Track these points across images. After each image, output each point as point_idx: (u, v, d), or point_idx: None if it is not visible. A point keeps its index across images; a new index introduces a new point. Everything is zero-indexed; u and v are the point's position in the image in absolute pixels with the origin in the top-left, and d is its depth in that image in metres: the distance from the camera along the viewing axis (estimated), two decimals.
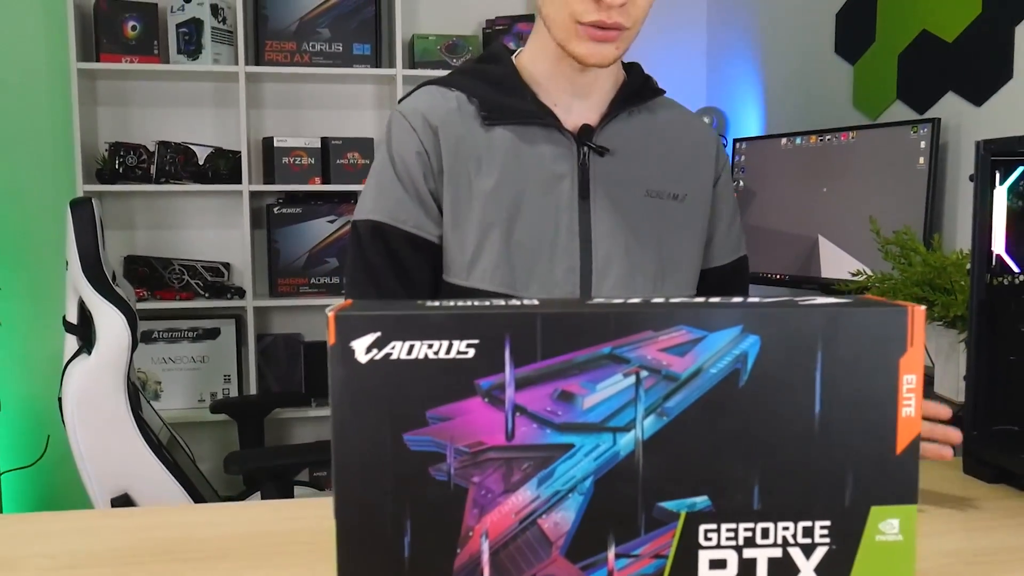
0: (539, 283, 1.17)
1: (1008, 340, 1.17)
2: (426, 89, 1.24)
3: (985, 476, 1.14)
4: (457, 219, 1.18)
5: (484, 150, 1.18)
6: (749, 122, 3.08)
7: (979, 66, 2.05)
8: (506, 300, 1.12)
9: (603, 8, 1.09)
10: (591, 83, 1.21)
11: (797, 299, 0.65)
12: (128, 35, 2.88)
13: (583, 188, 1.19)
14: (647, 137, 1.25)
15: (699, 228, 1.27)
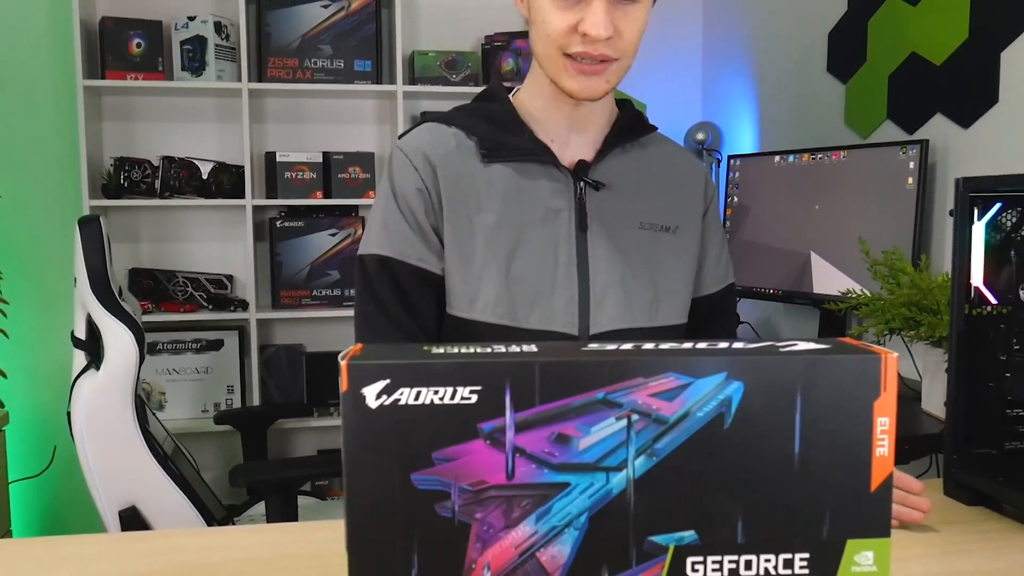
0: (539, 314, 1.21)
1: (987, 367, 1.22)
2: (427, 126, 1.28)
3: (964, 499, 1.19)
4: (458, 254, 1.22)
5: (483, 186, 1.23)
6: (744, 137, 3.14)
7: (966, 89, 2.11)
8: (508, 331, 1.18)
9: (589, 41, 1.13)
10: (586, 119, 1.26)
11: (778, 344, 0.70)
12: (133, 52, 2.92)
13: (580, 221, 1.23)
14: (640, 172, 1.29)
15: (690, 259, 1.31)
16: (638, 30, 1.15)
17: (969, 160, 2.11)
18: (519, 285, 1.21)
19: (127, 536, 1.09)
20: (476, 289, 1.21)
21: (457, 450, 0.64)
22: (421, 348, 0.67)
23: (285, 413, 3.08)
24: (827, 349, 0.67)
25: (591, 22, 1.10)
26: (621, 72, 1.19)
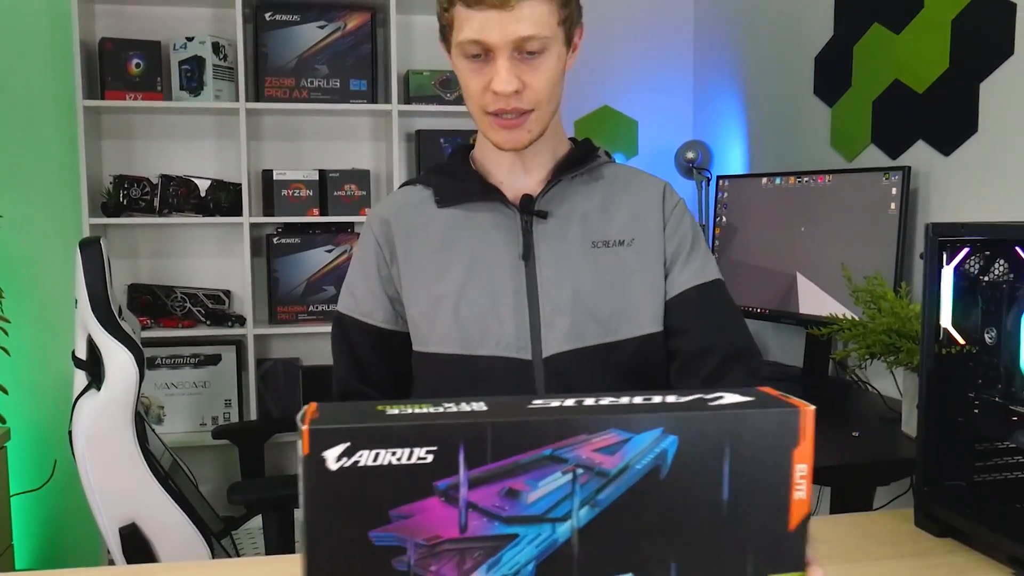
0: (493, 342, 1.28)
1: (956, 404, 1.27)
2: (399, 190, 1.44)
3: (933, 530, 1.25)
4: (415, 294, 1.33)
5: (435, 229, 1.33)
6: (733, 156, 3.19)
7: (947, 118, 2.16)
8: (462, 359, 1.27)
9: (500, 98, 1.21)
10: (528, 160, 1.34)
11: (707, 398, 0.74)
12: (132, 72, 2.97)
13: (527, 250, 1.30)
14: (589, 196, 1.35)
15: (653, 267, 1.33)
16: (547, 79, 1.22)
17: (950, 187, 2.16)
18: (470, 317, 1.29)
19: (134, 569, 1.13)
20: (432, 324, 1.30)
21: (413, 507, 0.68)
22: (376, 408, 0.70)
23: (282, 427, 3.12)
24: (752, 402, 0.72)
25: (496, 80, 1.20)
26: (542, 120, 1.27)
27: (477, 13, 1.18)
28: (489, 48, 1.19)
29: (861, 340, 1.92)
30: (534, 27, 1.18)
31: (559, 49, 1.24)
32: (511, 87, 1.20)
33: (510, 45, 1.19)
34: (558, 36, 1.22)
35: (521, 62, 1.21)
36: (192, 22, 3.11)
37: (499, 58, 1.19)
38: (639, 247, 1.33)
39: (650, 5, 3.45)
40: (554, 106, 1.28)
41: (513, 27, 1.17)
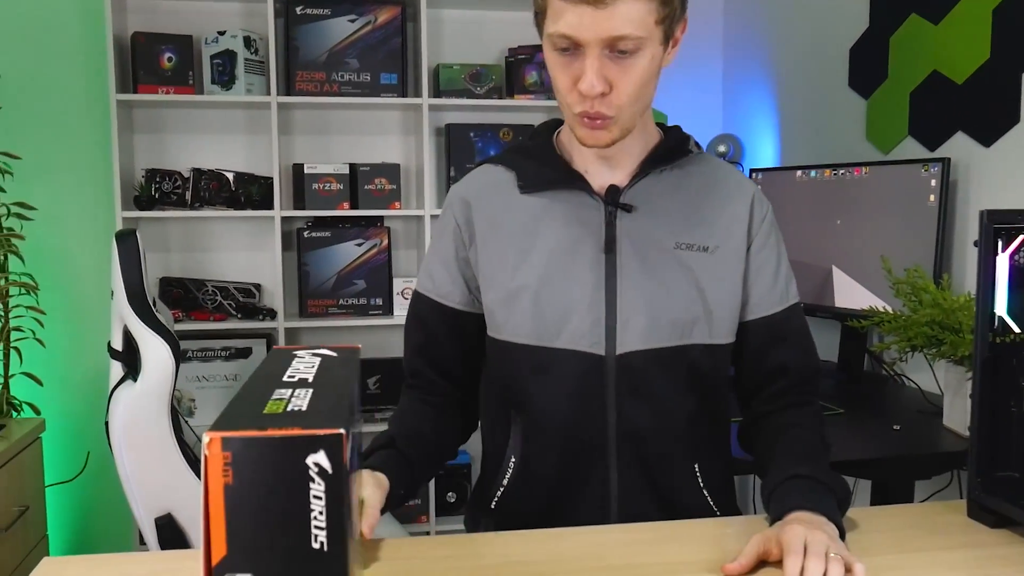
0: (568, 335, 1.26)
1: (1010, 393, 1.25)
2: (479, 168, 1.41)
3: (987, 521, 1.23)
4: (493, 280, 1.30)
5: (518, 218, 1.30)
6: (765, 150, 3.17)
7: (987, 109, 2.14)
8: (536, 350, 1.27)
9: (586, 100, 1.17)
10: (616, 151, 1.29)
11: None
12: (164, 66, 2.98)
13: (609, 244, 1.27)
14: (676, 193, 1.31)
15: (732, 280, 1.31)
16: (636, 82, 1.17)
17: (991, 179, 2.14)
18: (547, 307, 1.26)
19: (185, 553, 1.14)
20: (508, 313, 1.29)
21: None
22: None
23: None
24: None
25: (583, 81, 1.15)
26: (625, 122, 1.22)
27: (570, 6, 1.12)
28: (578, 43, 1.14)
29: (902, 333, 1.91)
30: (628, 26, 1.12)
31: (654, 49, 1.17)
32: (597, 90, 1.15)
33: (601, 43, 1.13)
34: (655, 35, 1.16)
35: (611, 61, 1.15)
36: (224, 16, 3.13)
37: (588, 56, 1.14)
38: (722, 256, 1.30)
39: None
40: (642, 106, 1.23)
41: (606, 24, 1.11)
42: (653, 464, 1.30)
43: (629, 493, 1.29)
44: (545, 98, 3.21)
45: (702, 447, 1.34)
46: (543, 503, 1.32)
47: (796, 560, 1.00)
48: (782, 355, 1.34)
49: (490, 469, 1.40)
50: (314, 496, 0.67)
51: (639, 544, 1.15)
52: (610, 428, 1.28)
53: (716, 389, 1.34)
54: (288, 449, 0.66)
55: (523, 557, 1.11)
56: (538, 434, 1.31)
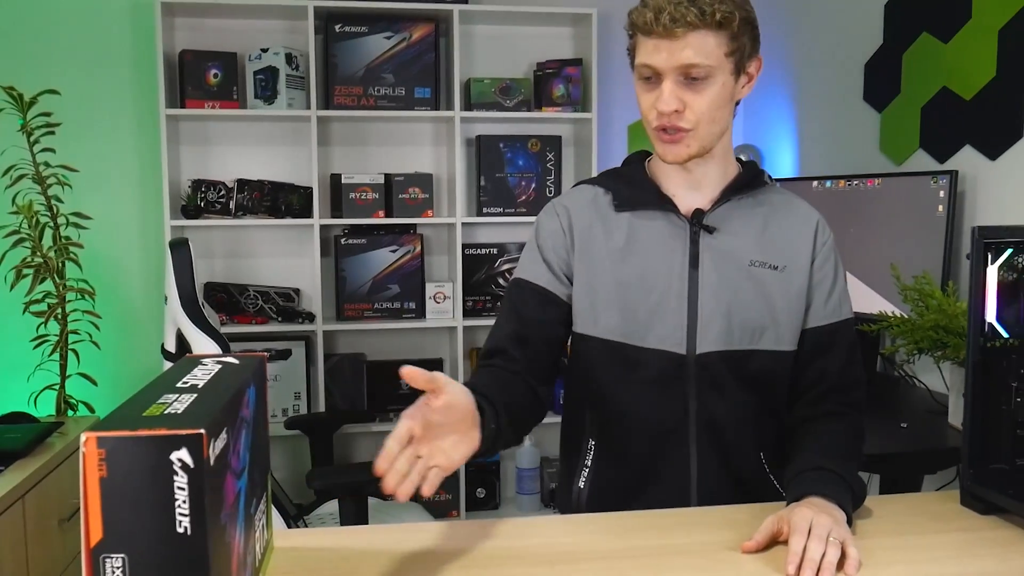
0: (653, 336, 1.43)
1: (1000, 393, 1.38)
2: (576, 188, 1.57)
3: (978, 509, 1.35)
4: (587, 283, 1.46)
5: (614, 230, 1.47)
6: (784, 160, 3.29)
7: (993, 124, 2.25)
8: (624, 347, 1.44)
9: (663, 116, 1.36)
10: (700, 178, 1.46)
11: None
12: (210, 82, 3.14)
13: (693, 259, 1.44)
14: (752, 218, 1.48)
15: (796, 295, 1.47)
16: (707, 103, 1.35)
17: (996, 191, 2.25)
18: (638, 312, 1.43)
19: None
20: (599, 312, 1.45)
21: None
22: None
23: (349, 419, 3.29)
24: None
25: (660, 100, 1.35)
26: (701, 139, 1.39)
27: (650, 41, 1.33)
28: (658, 72, 1.34)
29: (910, 336, 2.03)
30: (698, 56, 1.32)
31: (725, 78, 1.36)
32: (671, 107, 1.34)
33: (676, 71, 1.33)
34: (724, 66, 1.35)
35: (686, 86, 1.34)
36: (266, 34, 3.28)
37: (665, 81, 1.34)
38: (788, 274, 1.46)
39: None
40: (718, 129, 1.40)
41: (679, 55, 1.32)
42: (727, 449, 1.46)
43: (706, 473, 1.45)
44: (572, 110, 3.35)
45: (767, 436, 1.50)
46: (631, 483, 1.47)
47: (800, 540, 1.14)
48: (825, 363, 1.49)
49: (571, 451, 1.56)
50: (178, 487, 0.79)
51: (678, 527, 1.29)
52: (691, 416, 1.44)
53: (780, 388, 1.50)
54: (154, 447, 0.78)
55: (559, 543, 1.25)
56: (621, 420, 1.47)
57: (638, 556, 1.19)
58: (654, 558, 1.18)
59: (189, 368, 1.02)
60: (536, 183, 3.41)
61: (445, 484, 3.41)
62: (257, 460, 1.07)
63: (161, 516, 0.79)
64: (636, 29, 1.36)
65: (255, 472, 1.05)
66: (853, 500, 1.29)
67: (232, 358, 1.08)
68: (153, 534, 0.79)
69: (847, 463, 1.35)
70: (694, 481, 1.45)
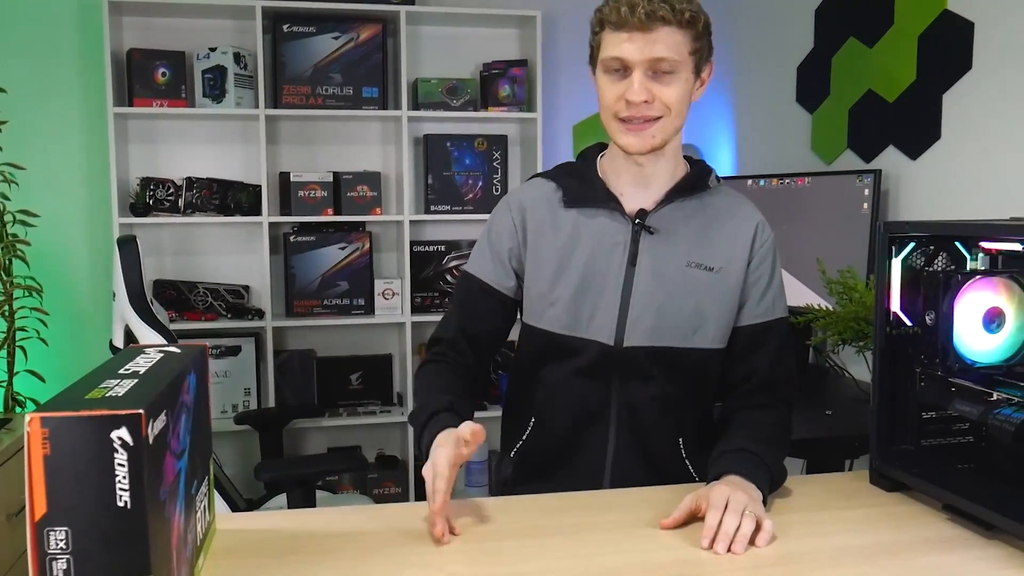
0: (590, 327, 1.51)
1: (904, 378, 1.47)
2: (531, 181, 1.64)
3: (885, 486, 1.45)
4: (536, 277, 1.54)
5: (562, 226, 1.53)
6: (722, 159, 3.39)
7: (914, 125, 2.36)
8: (567, 338, 1.52)
9: (632, 106, 1.42)
10: (649, 176, 1.53)
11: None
12: (158, 81, 3.17)
13: (632, 258, 1.51)
14: (693, 220, 1.54)
15: (730, 295, 1.53)
16: (675, 95, 1.42)
17: (917, 189, 2.36)
18: (579, 304, 1.51)
19: None
20: (546, 305, 1.53)
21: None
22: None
23: (298, 414, 3.33)
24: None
25: (630, 91, 1.41)
26: (667, 129, 1.46)
27: (622, 34, 1.39)
28: (627, 65, 1.40)
29: (833, 327, 2.12)
30: (668, 50, 1.39)
31: (687, 75, 1.43)
32: (642, 97, 1.40)
33: (646, 63, 1.39)
34: (687, 63, 1.42)
35: (653, 79, 1.41)
36: (214, 33, 3.31)
37: (636, 73, 1.40)
38: (724, 275, 1.52)
39: None
40: (679, 123, 1.47)
41: (650, 48, 1.38)
42: (644, 434, 1.53)
43: (622, 456, 1.53)
44: (517, 110, 3.42)
45: (688, 424, 1.57)
46: (553, 456, 1.56)
47: (716, 514, 1.22)
48: (756, 360, 1.56)
49: (512, 426, 1.65)
50: (118, 464, 0.84)
51: (596, 508, 1.37)
52: (612, 401, 1.52)
53: (705, 385, 1.58)
54: (95, 426, 0.83)
55: (492, 524, 1.32)
56: (555, 400, 1.55)
57: (561, 533, 1.26)
58: (577, 534, 1.26)
59: (132, 356, 1.07)
60: (483, 181, 3.47)
61: (393, 476, 3.47)
62: (198, 445, 1.12)
63: (102, 491, 0.84)
64: (606, 24, 1.42)
65: (196, 456, 1.10)
66: (771, 483, 1.37)
67: (174, 348, 1.14)
68: (95, 508, 0.84)
69: (769, 448, 1.43)
70: (609, 462, 1.53)
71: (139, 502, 0.85)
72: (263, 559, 1.16)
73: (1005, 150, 2.08)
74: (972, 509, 1.26)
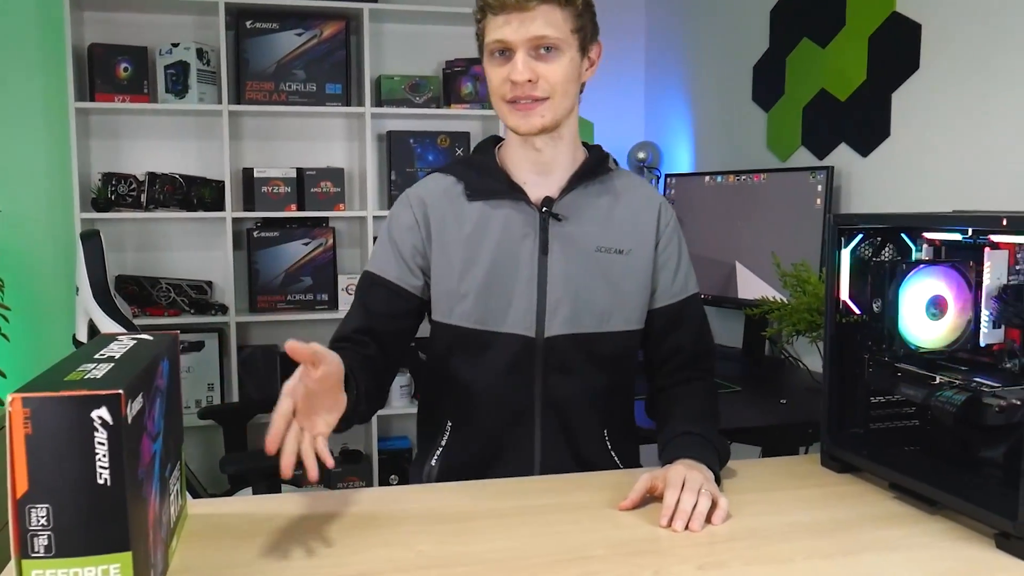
0: (504, 320, 1.51)
1: (853, 364, 1.53)
2: (430, 176, 1.61)
3: (835, 468, 1.50)
4: (443, 273, 1.52)
5: (467, 220, 1.52)
6: (681, 156, 3.46)
7: (864, 123, 2.44)
8: (480, 333, 1.54)
9: (517, 86, 1.43)
10: (549, 163, 1.54)
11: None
12: (120, 76, 3.16)
13: (543, 246, 1.52)
14: (598, 204, 1.56)
15: (642, 276, 1.57)
16: (560, 74, 1.43)
17: (867, 185, 2.44)
18: (490, 297, 1.50)
19: None
20: (455, 300, 1.51)
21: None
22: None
23: (262, 408, 3.32)
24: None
25: (513, 71, 1.42)
26: (555, 109, 1.46)
27: (501, 17, 1.41)
28: (509, 46, 1.41)
29: (788, 319, 2.19)
30: (547, 28, 1.40)
31: (572, 53, 1.44)
32: (524, 76, 1.41)
33: (527, 43, 1.40)
34: (571, 41, 1.43)
35: (536, 59, 1.42)
36: (177, 29, 3.31)
37: (518, 53, 1.41)
38: (634, 257, 1.56)
39: (605, 16, 3.69)
40: (568, 103, 1.47)
41: (530, 26, 1.39)
42: (571, 428, 1.55)
43: (549, 451, 1.55)
44: (480, 107, 3.46)
45: (612, 415, 1.60)
46: (477, 460, 1.54)
47: (674, 493, 1.26)
48: (678, 337, 1.61)
49: (429, 433, 1.62)
50: (98, 443, 0.86)
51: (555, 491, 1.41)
52: (537, 397, 1.53)
53: (626, 368, 1.61)
54: (76, 405, 0.86)
55: (456, 506, 1.36)
56: (474, 401, 1.54)
57: (526, 514, 1.30)
58: (541, 515, 1.30)
59: (105, 343, 1.10)
60: None
61: (358, 470, 3.49)
62: (172, 430, 1.15)
63: (83, 469, 0.87)
64: (487, 10, 1.43)
65: (169, 440, 1.13)
66: (719, 460, 1.43)
67: (146, 336, 1.16)
68: (75, 485, 0.87)
69: (709, 424, 1.49)
70: (537, 458, 1.54)
71: (118, 480, 0.88)
72: (235, 541, 1.19)
73: (949, 147, 2.16)
74: (916, 487, 1.32)
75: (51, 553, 0.87)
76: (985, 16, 2.04)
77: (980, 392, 1.29)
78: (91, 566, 0.88)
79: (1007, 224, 1.20)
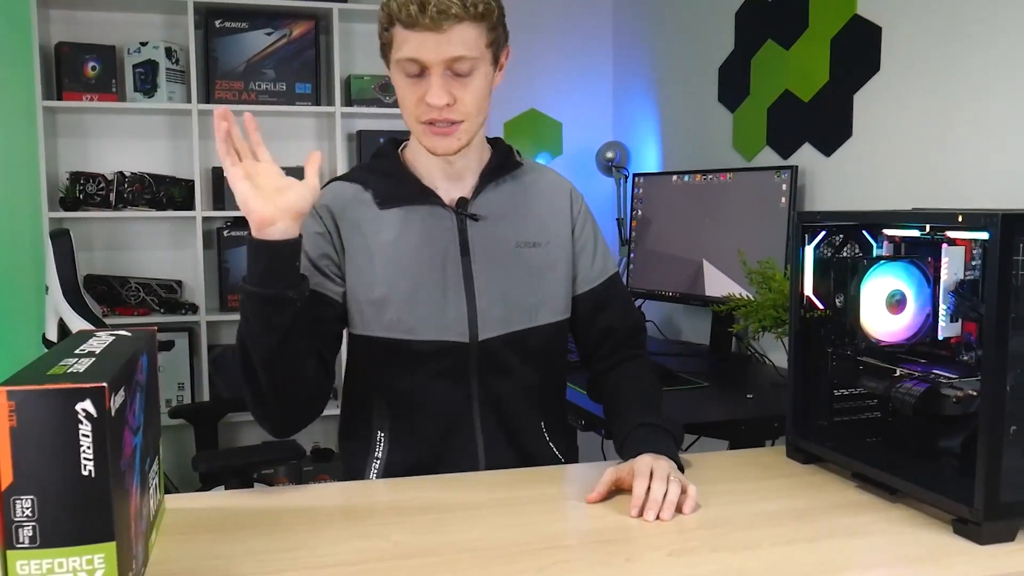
0: (435, 328, 1.47)
1: (818, 358, 1.57)
2: (331, 185, 1.55)
3: (800, 459, 1.55)
4: (361, 284, 1.48)
5: (382, 227, 1.48)
6: (649, 156, 3.50)
7: (827, 124, 2.49)
8: (408, 343, 1.49)
9: (433, 110, 1.37)
10: (458, 166, 1.51)
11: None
12: (88, 75, 3.15)
13: (464, 248, 1.50)
14: (512, 200, 1.56)
15: (563, 266, 1.57)
16: (475, 95, 1.39)
17: (830, 184, 2.49)
18: (417, 305, 1.46)
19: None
20: (378, 310, 1.47)
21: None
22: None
23: (233, 408, 3.33)
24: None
25: (430, 95, 1.35)
26: (471, 130, 1.43)
27: (414, 34, 1.32)
28: (424, 66, 1.34)
29: (754, 315, 2.23)
30: (464, 48, 1.34)
31: (486, 68, 1.39)
32: (443, 101, 1.35)
33: (443, 64, 1.34)
34: (486, 57, 1.38)
35: (452, 79, 1.36)
36: (145, 27, 3.30)
37: (433, 75, 1.34)
38: (552, 248, 1.56)
39: (573, 18, 3.74)
40: (482, 119, 1.44)
41: (446, 48, 1.32)
42: (511, 424, 1.56)
43: (492, 450, 1.54)
44: None
45: (548, 407, 1.62)
46: (421, 466, 1.50)
47: (643, 482, 1.29)
48: (607, 319, 1.63)
49: (357, 446, 1.56)
50: (83, 435, 0.87)
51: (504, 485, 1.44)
52: (475, 400, 1.52)
53: (559, 359, 1.63)
54: (61, 398, 0.87)
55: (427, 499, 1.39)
56: (409, 412, 1.51)
57: (497, 505, 1.33)
58: (511, 506, 1.33)
59: (84, 339, 1.11)
60: None
61: (328, 468, 3.50)
62: (151, 424, 1.17)
63: (67, 461, 0.88)
64: (397, 22, 1.34)
65: (149, 434, 1.15)
66: (676, 443, 1.44)
67: (124, 332, 1.18)
68: (60, 477, 0.88)
69: (657, 408, 1.51)
70: (481, 459, 1.53)
71: (102, 471, 0.89)
72: (213, 535, 1.20)
73: (909, 147, 2.22)
74: (878, 476, 1.36)
75: (36, 544, 0.88)
76: (944, 19, 2.10)
77: (938, 383, 1.34)
78: (76, 556, 0.89)
79: (963, 221, 1.24)
